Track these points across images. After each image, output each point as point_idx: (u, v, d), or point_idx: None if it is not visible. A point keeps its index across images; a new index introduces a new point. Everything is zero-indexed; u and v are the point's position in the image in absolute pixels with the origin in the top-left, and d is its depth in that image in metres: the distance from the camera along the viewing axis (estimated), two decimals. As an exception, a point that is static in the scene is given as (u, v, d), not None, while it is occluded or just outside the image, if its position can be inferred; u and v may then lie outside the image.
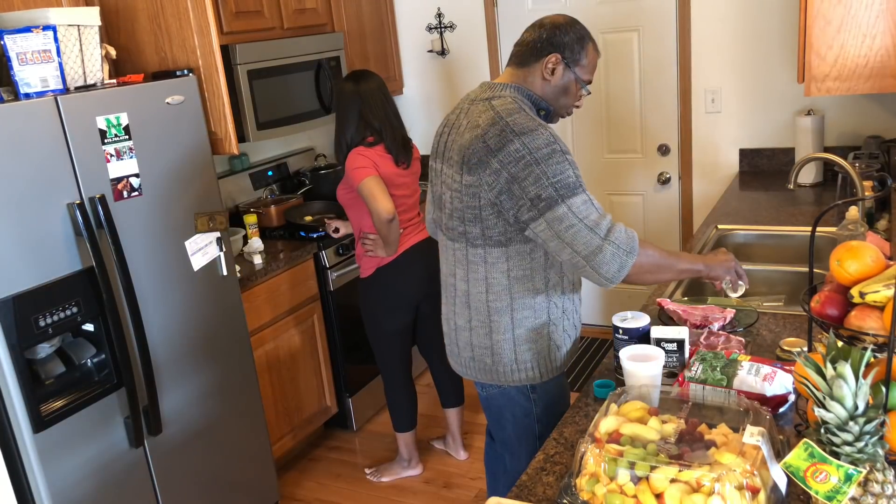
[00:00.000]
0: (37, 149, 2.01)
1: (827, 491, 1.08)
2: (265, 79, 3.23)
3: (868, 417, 1.10)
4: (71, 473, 2.12)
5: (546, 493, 1.39)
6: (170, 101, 2.37)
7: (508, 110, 1.71)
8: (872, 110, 3.38)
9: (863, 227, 2.42)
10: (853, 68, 2.56)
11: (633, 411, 1.38)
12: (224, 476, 2.66)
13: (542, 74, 1.80)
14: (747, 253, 2.83)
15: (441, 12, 4.18)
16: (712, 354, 1.69)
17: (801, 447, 1.14)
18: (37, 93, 2.07)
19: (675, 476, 1.18)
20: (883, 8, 2.47)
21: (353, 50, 3.88)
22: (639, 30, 3.75)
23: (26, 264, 1.99)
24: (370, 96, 2.76)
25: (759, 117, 3.61)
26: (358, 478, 3.23)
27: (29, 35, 2.04)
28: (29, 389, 2.01)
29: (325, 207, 3.60)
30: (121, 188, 2.23)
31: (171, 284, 2.41)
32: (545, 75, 1.80)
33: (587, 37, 1.83)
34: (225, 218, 2.57)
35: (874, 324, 1.27)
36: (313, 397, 3.33)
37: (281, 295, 3.10)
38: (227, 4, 3.08)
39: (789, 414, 1.54)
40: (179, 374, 2.45)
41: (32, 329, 2.01)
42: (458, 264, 1.86)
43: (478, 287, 1.83)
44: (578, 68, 1.81)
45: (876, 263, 1.32)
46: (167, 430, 2.40)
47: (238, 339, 2.70)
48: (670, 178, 3.88)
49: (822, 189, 3.30)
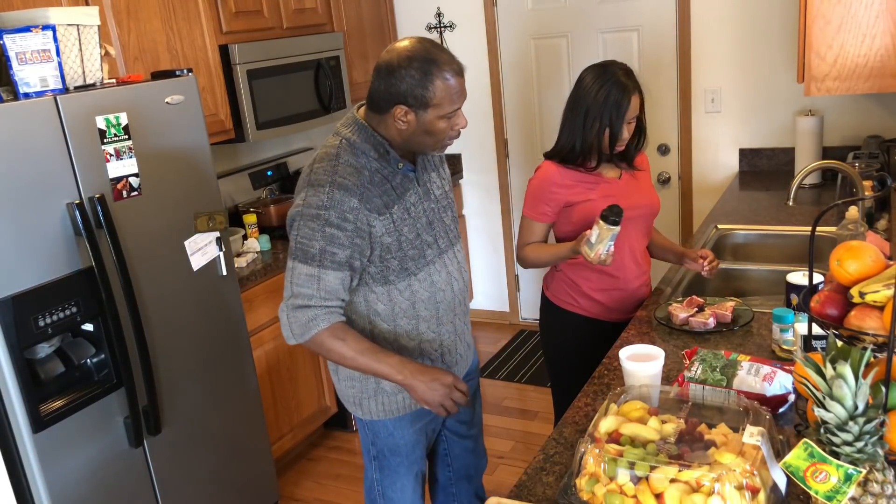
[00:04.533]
0: (36, 149, 2.01)
1: (827, 491, 1.08)
2: (265, 78, 3.23)
3: (868, 417, 1.10)
4: (70, 473, 2.12)
5: (546, 493, 1.38)
6: (169, 101, 2.37)
7: (322, 156, 1.73)
8: (872, 110, 3.38)
9: (863, 227, 2.42)
10: (853, 68, 2.56)
11: (633, 411, 1.38)
12: (224, 476, 2.66)
13: (395, 125, 1.68)
14: (747, 253, 2.83)
15: (441, 12, 4.18)
16: (712, 354, 1.69)
17: (800, 447, 1.14)
18: (36, 92, 2.07)
19: (675, 476, 1.18)
20: (883, 8, 2.47)
21: (353, 50, 3.88)
22: (639, 29, 3.75)
23: (26, 264, 1.99)
24: None
25: (759, 117, 3.61)
26: (358, 478, 3.23)
27: (28, 35, 2.04)
28: (28, 389, 2.01)
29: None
30: (120, 188, 2.23)
31: (170, 284, 2.41)
32: (398, 126, 1.68)
33: (432, 67, 1.60)
34: (224, 218, 2.57)
35: (874, 324, 1.27)
36: (313, 397, 3.33)
37: (281, 295, 3.09)
38: (227, 4, 3.08)
39: (789, 414, 1.54)
40: (179, 374, 2.45)
41: (32, 329, 2.01)
42: None
43: None
44: (431, 109, 1.63)
45: (876, 263, 1.32)
46: (167, 430, 2.40)
47: (238, 339, 2.70)
48: (670, 178, 3.88)
49: (821, 189, 3.31)
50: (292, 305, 1.69)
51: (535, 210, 2.21)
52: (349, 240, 1.66)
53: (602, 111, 2.07)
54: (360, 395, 1.88)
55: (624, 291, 2.26)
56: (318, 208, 1.65)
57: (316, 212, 1.65)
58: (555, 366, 2.41)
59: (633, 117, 2.09)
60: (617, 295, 2.25)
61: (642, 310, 2.19)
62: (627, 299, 2.28)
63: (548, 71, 4.04)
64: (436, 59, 1.61)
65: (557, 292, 2.32)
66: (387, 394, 1.86)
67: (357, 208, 1.66)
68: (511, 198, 4.34)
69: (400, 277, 1.77)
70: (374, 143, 1.72)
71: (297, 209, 1.69)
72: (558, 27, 3.94)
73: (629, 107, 2.06)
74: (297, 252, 1.68)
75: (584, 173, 2.17)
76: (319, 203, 1.65)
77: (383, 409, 1.88)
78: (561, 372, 2.40)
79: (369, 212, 1.68)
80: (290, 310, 1.70)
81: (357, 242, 1.68)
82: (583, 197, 2.16)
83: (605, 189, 2.17)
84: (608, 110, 2.06)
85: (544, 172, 2.20)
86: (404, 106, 1.64)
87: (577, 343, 2.30)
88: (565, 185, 2.16)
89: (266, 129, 3.26)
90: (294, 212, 1.70)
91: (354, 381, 1.87)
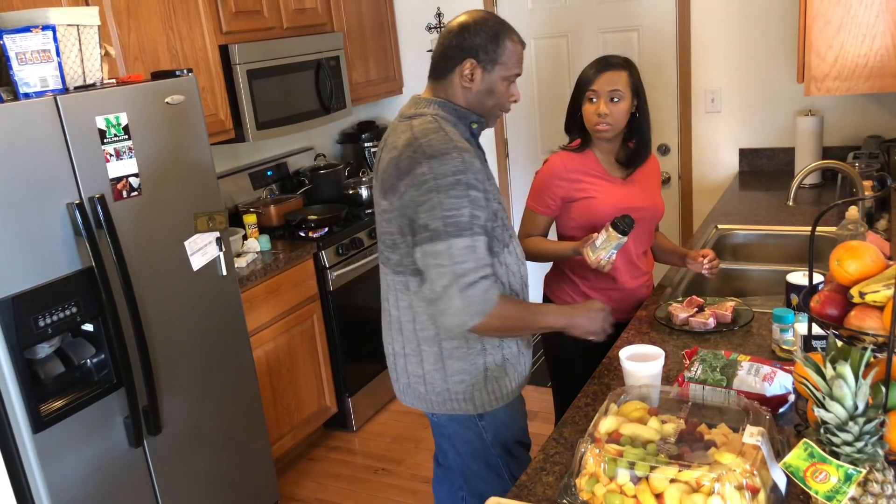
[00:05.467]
0: (36, 149, 2.01)
1: (827, 491, 1.08)
2: (265, 79, 3.23)
3: (868, 417, 1.10)
4: (70, 473, 2.12)
5: (546, 493, 1.38)
6: (169, 101, 2.37)
7: (425, 130, 1.64)
8: (872, 110, 3.38)
9: (863, 227, 2.42)
10: (853, 68, 2.56)
11: (633, 411, 1.38)
12: (224, 476, 2.66)
13: (461, 83, 1.71)
14: (747, 253, 2.83)
15: (441, 12, 4.18)
16: (712, 354, 1.69)
17: (800, 447, 1.14)
18: (36, 93, 2.07)
19: (675, 476, 1.18)
20: (883, 8, 2.47)
21: (353, 50, 3.88)
22: (639, 29, 3.75)
23: (26, 264, 1.99)
24: None
25: (759, 117, 3.61)
26: (358, 478, 3.23)
27: (28, 35, 2.04)
28: (28, 389, 2.01)
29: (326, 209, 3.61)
30: (120, 188, 2.23)
31: (170, 284, 2.41)
32: (464, 83, 1.71)
33: (502, 30, 1.71)
34: (224, 218, 2.57)
35: (874, 324, 1.27)
36: (313, 397, 3.33)
37: (280, 295, 3.09)
38: (227, 4, 3.08)
39: (789, 414, 1.54)
40: (179, 374, 2.45)
41: (32, 329, 2.01)
42: (388, 289, 1.82)
43: (406, 315, 1.78)
44: (499, 67, 1.71)
45: (876, 263, 1.32)
46: (167, 430, 2.40)
47: (237, 339, 2.70)
48: (670, 178, 3.88)
49: (821, 189, 3.30)
50: (462, 286, 1.59)
51: (537, 201, 2.23)
52: (486, 202, 1.64)
53: (579, 79, 2.16)
54: (471, 387, 1.80)
55: (622, 292, 2.26)
56: (454, 174, 1.58)
57: (454, 178, 1.58)
58: (555, 366, 2.41)
59: (606, 90, 2.10)
60: (616, 295, 2.25)
61: (642, 310, 2.19)
62: (627, 299, 2.28)
63: (548, 71, 4.04)
64: (505, 24, 1.74)
65: (558, 292, 2.32)
66: (495, 379, 1.81)
67: (480, 169, 1.66)
68: (511, 198, 4.34)
69: (499, 247, 1.75)
70: (457, 115, 1.73)
71: (428, 185, 1.58)
72: (558, 27, 3.94)
73: (598, 76, 2.11)
74: (449, 228, 1.58)
75: (589, 167, 2.18)
76: (454, 169, 1.58)
77: (495, 398, 1.83)
78: (561, 372, 2.40)
79: (486, 176, 1.69)
80: (460, 292, 1.59)
81: (489, 205, 1.67)
82: (584, 194, 2.17)
83: (608, 188, 2.18)
84: (582, 78, 2.15)
85: (550, 165, 2.23)
86: (474, 59, 1.69)
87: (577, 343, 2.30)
88: (568, 179, 2.18)
89: (266, 129, 3.26)
90: (424, 190, 1.58)
91: (465, 375, 1.79)
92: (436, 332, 1.75)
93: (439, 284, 1.60)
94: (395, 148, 1.67)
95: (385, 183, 1.68)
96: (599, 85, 2.10)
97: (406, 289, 1.75)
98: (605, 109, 2.10)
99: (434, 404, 1.84)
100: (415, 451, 3.37)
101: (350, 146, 4.26)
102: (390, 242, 1.73)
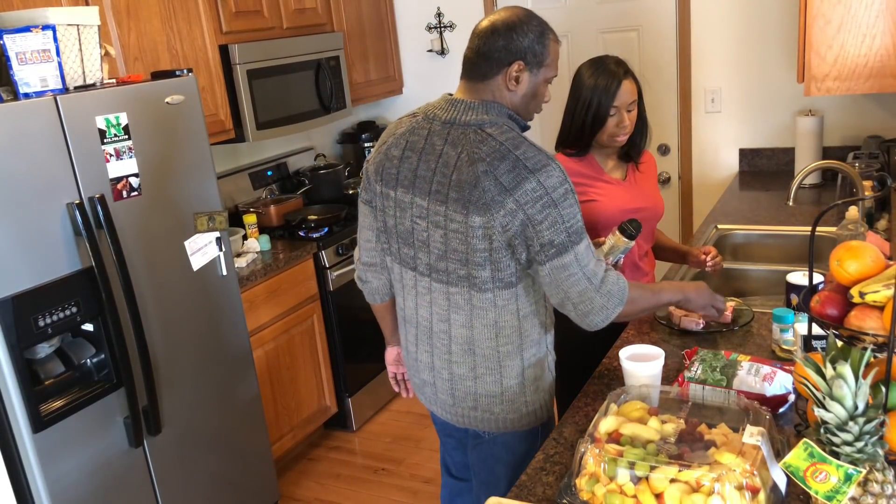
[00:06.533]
0: (36, 149, 2.01)
1: (827, 491, 1.08)
2: (265, 78, 3.23)
3: (868, 417, 1.10)
4: (70, 473, 2.12)
5: (546, 493, 1.38)
6: (169, 101, 2.37)
7: (513, 141, 1.57)
8: (872, 110, 3.38)
9: (863, 227, 2.42)
10: (853, 68, 2.56)
11: (633, 411, 1.38)
12: (224, 476, 2.66)
13: (507, 85, 1.63)
14: (747, 253, 2.83)
15: (441, 12, 4.18)
16: (712, 354, 1.69)
17: (800, 447, 1.14)
18: (36, 92, 2.07)
19: (675, 476, 1.18)
20: (883, 8, 2.47)
21: (353, 50, 3.88)
22: (639, 29, 3.75)
23: (26, 264, 1.99)
24: None
25: (759, 117, 3.61)
26: (358, 478, 3.23)
27: (28, 35, 2.04)
28: (28, 389, 2.01)
29: (326, 209, 3.61)
30: (120, 188, 2.23)
31: (170, 284, 2.41)
32: (509, 86, 1.63)
33: (546, 30, 1.65)
34: (224, 218, 2.57)
35: (874, 324, 1.27)
36: (313, 397, 3.33)
37: (280, 295, 3.09)
38: (227, 4, 3.08)
39: (789, 414, 1.54)
40: (179, 374, 2.45)
41: (32, 329, 2.01)
42: (456, 309, 1.69)
43: (486, 332, 1.68)
44: (544, 69, 1.66)
45: (876, 263, 1.32)
46: (167, 430, 2.40)
47: (238, 339, 2.70)
48: (670, 178, 3.88)
49: (821, 189, 3.30)
50: (597, 285, 1.59)
51: None
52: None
53: (592, 94, 2.12)
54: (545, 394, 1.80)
55: None
56: (561, 183, 1.56)
57: (563, 189, 1.56)
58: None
59: (627, 103, 2.10)
60: None
61: (642, 310, 2.19)
62: None
63: (548, 71, 4.03)
64: (545, 22, 1.66)
65: None
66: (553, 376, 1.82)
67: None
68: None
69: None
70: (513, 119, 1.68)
71: (543, 201, 1.53)
72: (558, 27, 3.89)
73: (619, 90, 2.09)
74: (572, 237, 1.56)
75: (589, 170, 2.18)
76: (559, 179, 1.56)
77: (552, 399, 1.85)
78: (561, 372, 2.40)
79: None
80: (597, 291, 1.59)
81: None
82: (587, 197, 2.16)
83: (610, 190, 2.17)
84: (598, 93, 2.11)
85: None
86: (522, 62, 1.61)
87: (578, 343, 2.30)
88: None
89: (266, 129, 3.26)
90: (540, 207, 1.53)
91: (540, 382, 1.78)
92: (519, 343, 1.71)
93: (575, 292, 1.59)
94: (481, 160, 1.55)
95: (479, 198, 1.55)
96: (621, 100, 2.08)
97: (493, 306, 1.65)
98: (626, 121, 2.10)
99: (508, 423, 1.77)
100: (415, 451, 3.37)
101: (350, 146, 4.27)
102: (480, 260, 1.60)
